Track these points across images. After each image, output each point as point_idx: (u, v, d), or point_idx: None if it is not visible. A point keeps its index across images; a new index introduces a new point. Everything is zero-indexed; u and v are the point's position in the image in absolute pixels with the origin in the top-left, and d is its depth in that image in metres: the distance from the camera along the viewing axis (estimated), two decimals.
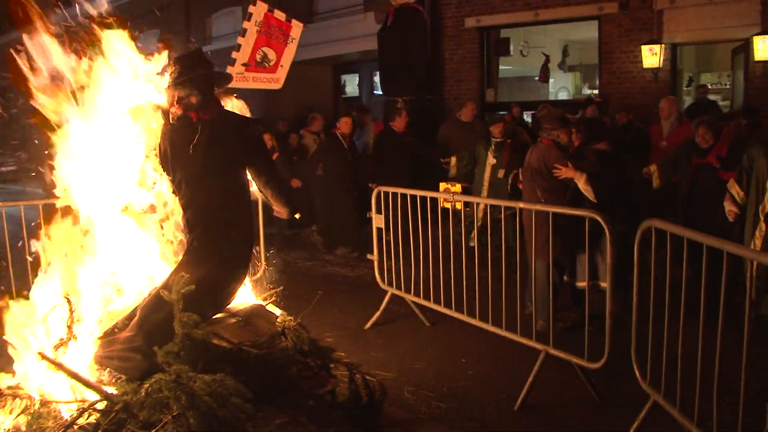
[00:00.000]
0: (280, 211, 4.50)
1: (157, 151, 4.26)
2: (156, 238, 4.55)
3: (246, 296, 4.85)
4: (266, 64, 8.96)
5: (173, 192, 4.31)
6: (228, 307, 4.43)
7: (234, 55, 8.72)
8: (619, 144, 7.34)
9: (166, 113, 4.17)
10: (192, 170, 4.09)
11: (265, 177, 4.34)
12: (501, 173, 8.23)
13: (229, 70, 8.74)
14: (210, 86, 4.18)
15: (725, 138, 6.21)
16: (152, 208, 4.50)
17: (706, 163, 6.23)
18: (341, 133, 9.51)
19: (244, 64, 8.74)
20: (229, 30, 18.00)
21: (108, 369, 3.89)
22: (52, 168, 4.26)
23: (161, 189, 4.51)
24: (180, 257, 4.35)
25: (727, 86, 14.07)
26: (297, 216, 4.61)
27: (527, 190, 6.06)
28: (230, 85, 8.86)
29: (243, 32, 8.70)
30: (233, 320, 4.29)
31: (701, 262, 3.40)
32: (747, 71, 10.68)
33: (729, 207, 5.78)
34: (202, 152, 4.05)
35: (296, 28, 8.85)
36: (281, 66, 8.95)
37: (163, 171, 4.28)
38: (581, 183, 5.69)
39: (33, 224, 5.48)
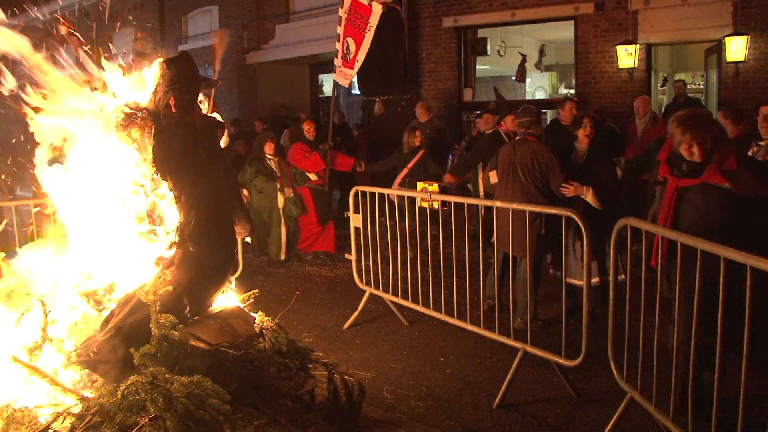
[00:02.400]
0: (242, 229, 4.40)
1: (151, 154, 4.20)
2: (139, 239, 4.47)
3: (223, 297, 4.81)
4: (348, 57, 8.29)
5: (174, 196, 4.26)
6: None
7: (337, 45, 8.28)
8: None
9: (156, 116, 4.11)
10: (188, 171, 4.05)
11: (236, 185, 4.34)
12: None
13: (335, 63, 8.39)
14: (198, 89, 4.18)
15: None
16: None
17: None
18: (507, 131, 7.97)
19: (342, 57, 8.29)
20: (205, 29, 17.87)
21: (88, 372, 3.83)
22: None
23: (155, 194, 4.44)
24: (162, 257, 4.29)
25: (701, 86, 14.25)
26: (249, 240, 4.52)
27: (515, 188, 5.87)
28: (338, 81, 8.60)
29: (339, 21, 8.24)
30: (211, 321, 4.25)
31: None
32: (720, 72, 10.82)
33: None
34: (198, 154, 4.04)
35: (375, 14, 7.89)
36: (357, 60, 8.18)
37: (157, 173, 4.22)
38: (589, 197, 5.55)
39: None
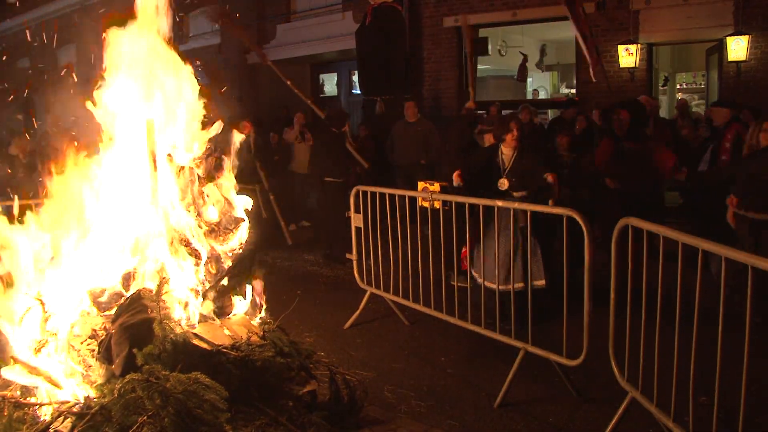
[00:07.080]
0: None
1: None
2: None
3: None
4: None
5: None
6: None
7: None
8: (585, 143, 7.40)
9: None
10: None
11: None
12: None
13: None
14: None
15: None
16: None
17: None
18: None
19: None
20: (206, 29, 17.88)
21: (88, 371, 3.83)
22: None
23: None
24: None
25: (702, 86, 14.24)
26: None
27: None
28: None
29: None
30: (212, 323, 4.26)
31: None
32: (721, 71, 10.82)
33: None
34: None
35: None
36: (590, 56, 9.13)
37: None
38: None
39: None
